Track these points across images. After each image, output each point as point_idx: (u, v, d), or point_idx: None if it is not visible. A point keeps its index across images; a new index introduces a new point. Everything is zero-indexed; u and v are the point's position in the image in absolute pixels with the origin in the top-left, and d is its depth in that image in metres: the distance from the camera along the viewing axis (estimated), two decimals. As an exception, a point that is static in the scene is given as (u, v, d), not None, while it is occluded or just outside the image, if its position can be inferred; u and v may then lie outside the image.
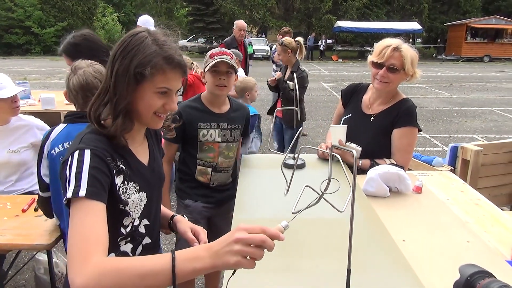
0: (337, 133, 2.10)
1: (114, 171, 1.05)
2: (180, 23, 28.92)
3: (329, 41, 26.91)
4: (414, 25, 25.66)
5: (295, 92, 2.31)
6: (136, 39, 1.06)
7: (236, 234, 0.83)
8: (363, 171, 2.00)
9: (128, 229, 1.16)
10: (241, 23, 5.97)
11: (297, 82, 2.33)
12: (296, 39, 4.45)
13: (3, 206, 2.11)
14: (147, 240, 1.24)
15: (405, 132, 2.11)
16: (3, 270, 2.27)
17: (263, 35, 31.64)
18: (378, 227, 1.43)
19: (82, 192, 0.93)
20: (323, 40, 25.75)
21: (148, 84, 1.06)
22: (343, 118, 2.31)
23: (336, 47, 27.04)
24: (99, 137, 1.06)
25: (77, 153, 0.99)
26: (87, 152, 0.99)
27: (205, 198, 2.13)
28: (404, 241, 1.43)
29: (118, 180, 1.07)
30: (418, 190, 1.90)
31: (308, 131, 7.20)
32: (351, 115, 2.28)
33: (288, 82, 4.21)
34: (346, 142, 2.10)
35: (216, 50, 1.97)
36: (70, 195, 0.94)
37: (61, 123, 1.72)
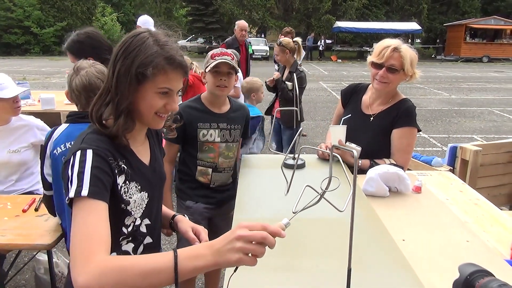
0: (337, 133, 2.11)
1: (116, 171, 1.06)
2: (179, 23, 28.94)
3: (328, 41, 26.90)
4: (413, 26, 25.69)
5: (295, 93, 2.31)
6: (138, 39, 1.06)
7: (237, 231, 0.84)
8: (363, 171, 2.01)
9: (130, 229, 1.17)
10: (242, 24, 5.97)
11: (296, 82, 2.33)
12: (294, 39, 4.46)
13: (3, 206, 2.12)
14: (148, 239, 1.25)
15: (404, 132, 2.12)
16: (3, 270, 2.27)
17: (263, 35, 31.65)
18: (378, 227, 1.43)
19: (85, 192, 0.94)
20: (322, 40, 25.75)
21: (150, 84, 1.07)
22: (343, 118, 2.32)
23: (335, 47, 27.05)
24: (100, 137, 1.06)
25: (79, 153, 1.00)
26: (89, 152, 1.00)
27: (206, 199, 2.13)
28: (403, 240, 1.44)
29: (120, 180, 1.08)
30: (418, 190, 1.90)
31: (307, 131, 7.21)
32: (350, 115, 2.29)
33: (286, 82, 4.21)
34: (345, 142, 2.11)
35: (217, 50, 1.97)
36: (72, 194, 0.94)
37: (63, 123, 1.73)
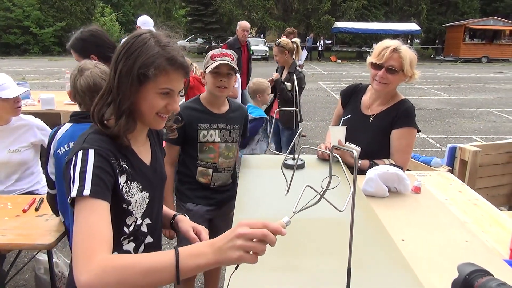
0: (337, 134, 2.11)
1: (118, 171, 1.07)
2: (178, 23, 28.90)
3: (327, 41, 26.92)
4: (413, 26, 25.72)
5: (295, 93, 2.32)
6: (139, 40, 1.07)
7: (238, 229, 0.84)
8: (362, 171, 2.02)
9: (131, 228, 1.18)
10: (244, 24, 5.96)
11: (296, 82, 2.34)
12: (292, 40, 4.47)
13: (3, 206, 2.12)
14: (149, 239, 1.26)
15: (404, 132, 2.13)
16: (3, 270, 2.28)
17: (262, 36, 31.67)
18: (378, 227, 1.44)
19: (87, 191, 0.94)
20: (322, 41, 25.76)
21: (151, 84, 1.07)
22: (342, 119, 2.32)
23: (334, 48, 27.07)
24: (102, 137, 1.07)
25: (81, 153, 1.00)
26: (91, 151, 1.01)
27: (206, 200, 2.12)
28: (403, 240, 1.44)
29: (121, 180, 1.08)
30: (417, 190, 1.91)
31: (307, 131, 7.21)
32: (350, 115, 2.29)
33: (285, 83, 4.21)
34: (345, 143, 2.11)
35: (217, 51, 1.97)
36: (74, 194, 0.95)
37: (66, 122, 1.74)
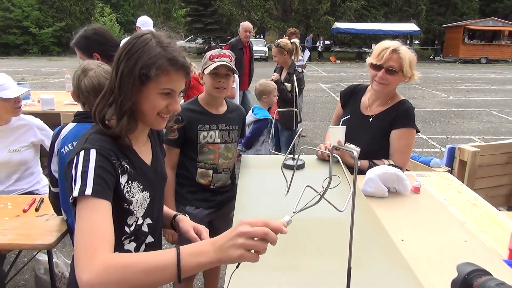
0: (336, 134, 2.12)
1: (119, 171, 1.07)
2: (178, 23, 28.90)
3: (327, 42, 26.94)
4: (412, 27, 25.75)
5: (295, 94, 2.32)
6: (141, 41, 1.08)
7: (239, 228, 0.85)
8: (362, 171, 2.02)
9: (132, 228, 1.18)
10: (246, 25, 5.96)
11: (296, 83, 2.34)
12: (292, 40, 4.47)
13: (4, 206, 2.12)
14: (150, 239, 1.26)
15: (403, 133, 2.13)
16: (3, 271, 2.28)
17: (261, 36, 31.67)
18: (377, 227, 1.44)
19: (88, 191, 0.95)
20: (321, 41, 25.78)
21: (153, 85, 1.08)
22: (342, 119, 2.33)
23: (334, 48, 27.10)
24: (104, 137, 1.07)
25: (82, 153, 1.01)
26: (92, 151, 1.01)
27: (206, 202, 2.11)
28: (402, 240, 1.45)
29: (123, 180, 1.09)
30: (416, 190, 1.92)
31: (306, 132, 7.22)
32: (350, 116, 2.30)
33: (285, 83, 4.22)
34: (345, 143, 2.12)
35: (215, 52, 1.96)
36: (76, 193, 0.95)
37: (70, 122, 1.76)
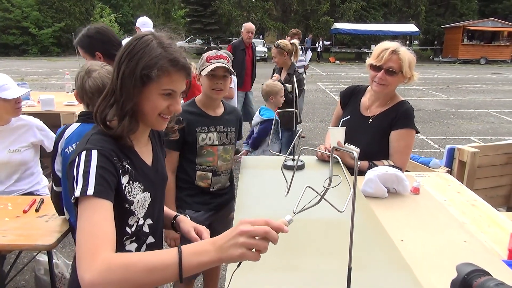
0: (336, 135, 2.12)
1: (120, 171, 1.08)
2: (177, 24, 28.91)
3: (326, 43, 26.95)
4: (411, 27, 25.78)
5: (295, 94, 2.33)
6: (142, 42, 1.08)
7: (240, 227, 0.85)
8: (362, 172, 2.03)
9: (133, 229, 1.19)
10: (249, 26, 5.96)
11: (296, 84, 2.35)
12: (291, 41, 4.48)
13: (4, 207, 2.12)
14: (151, 239, 1.27)
15: (402, 134, 2.14)
16: (3, 271, 2.28)
17: (261, 37, 31.68)
18: (377, 227, 1.45)
19: (90, 191, 0.95)
20: (321, 42, 25.79)
21: (154, 85, 1.08)
22: (342, 120, 2.33)
23: (333, 49, 27.14)
24: (105, 137, 1.08)
25: (84, 153, 1.01)
26: (94, 152, 1.02)
27: (206, 205, 2.11)
28: (402, 241, 1.45)
29: (124, 180, 1.09)
30: (416, 191, 1.92)
31: (305, 132, 7.22)
32: (349, 117, 2.30)
33: (285, 84, 4.22)
34: (344, 144, 2.13)
35: (212, 53, 1.96)
36: (78, 193, 0.96)
37: (74, 122, 1.77)
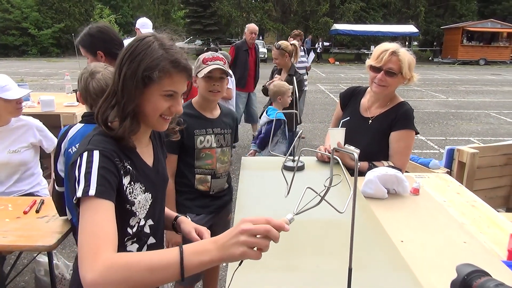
0: (336, 136, 2.13)
1: (122, 172, 1.08)
2: (177, 25, 28.91)
3: (326, 43, 26.97)
4: (411, 28, 25.80)
5: (295, 95, 2.33)
6: (143, 43, 1.09)
7: (241, 225, 0.86)
8: (361, 173, 2.03)
9: (134, 229, 1.19)
10: (252, 27, 5.97)
11: (296, 85, 2.36)
12: (291, 42, 4.48)
13: (4, 208, 2.12)
14: (151, 240, 1.27)
15: (402, 135, 2.14)
16: (3, 272, 2.28)
17: (260, 38, 31.69)
18: (377, 228, 1.45)
19: (92, 191, 0.96)
20: (320, 43, 25.80)
21: (155, 87, 1.09)
22: (342, 121, 2.33)
23: (333, 50, 27.15)
24: (106, 138, 1.08)
25: (86, 154, 1.02)
26: (96, 153, 1.02)
27: (206, 208, 2.10)
28: (402, 241, 1.46)
29: (125, 181, 1.10)
30: (416, 192, 1.93)
31: (305, 133, 7.23)
32: (349, 118, 2.31)
33: None
34: (344, 145, 2.13)
35: (208, 54, 1.95)
36: (80, 194, 0.96)
37: (78, 122, 1.79)
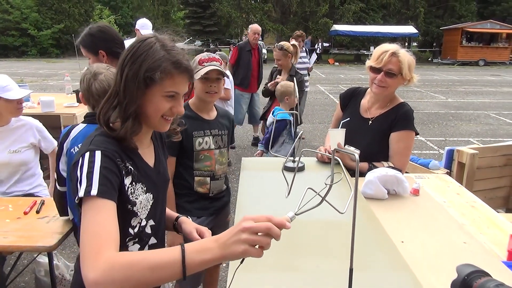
0: (336, 137, 2.13)
1: (124, 172, 1.08)
2: (177, 25, 28.91)
3: (325, 44, 26.98)
4: (410, 29, 25.83)
5: (296, 96, 2.33)
6: (145, 44, 1.09)
7: (243, 223, 0.86)
8: (361, 174, 2.03)
9: (136, 230, 1.19)
10: (255, 27, 5.98)
11: (297, 86, 2.36)
12: (291, 43, 4.49)
13: (5, 208, 2.13)
14: (153, 240, 1.27)
15: (402, 135, 2.15)
16: (4, 273, 2.28)
17: (260, 38, 31.71)
18: (377, 229, 1.45)
19: (94, 191, 0.96)
20: (320, 44, 25.81)
21: (157, 88, 1.09)
22: (342, 122, 2.35)
23: (332, 51, 27.16)
24: (108, 139, 1.09)
25: (88, 154, 1.02)
26: (97, 153, 1.02)
27: (206, 210, 2.10)
28: (402, 242, 1.46)
29: (127, 181, 1.10)
30: (416, 192, 1.93)
31: (305, 134, 7.24)
32: (349, 118, 2.31)
33: None
34: (344, 146, 2.13)
35: (204, 55, 1.95)
36: (82, 194, 0.97)
37: (81, 122, 1.80)
